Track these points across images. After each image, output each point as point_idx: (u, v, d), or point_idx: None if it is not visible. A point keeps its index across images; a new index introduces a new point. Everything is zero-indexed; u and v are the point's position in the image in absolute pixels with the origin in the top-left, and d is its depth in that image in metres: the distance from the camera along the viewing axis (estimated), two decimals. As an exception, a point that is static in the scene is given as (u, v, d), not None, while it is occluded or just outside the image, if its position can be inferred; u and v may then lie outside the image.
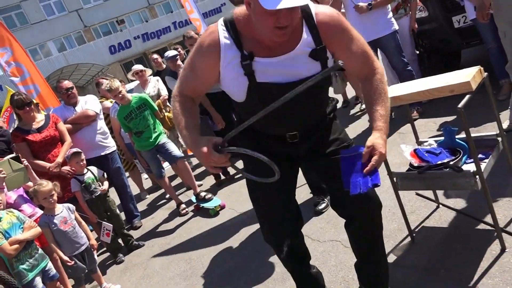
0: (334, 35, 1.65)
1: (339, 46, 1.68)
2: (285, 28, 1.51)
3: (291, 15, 1.48)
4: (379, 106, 1.67)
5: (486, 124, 3.42)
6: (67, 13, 28.65)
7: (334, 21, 1.66)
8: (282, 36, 1.54)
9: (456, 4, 3.99)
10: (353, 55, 1.69)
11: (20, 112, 3.96)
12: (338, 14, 1.70)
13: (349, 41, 1.68)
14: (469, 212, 2.47)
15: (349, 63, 1.68)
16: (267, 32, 1.55)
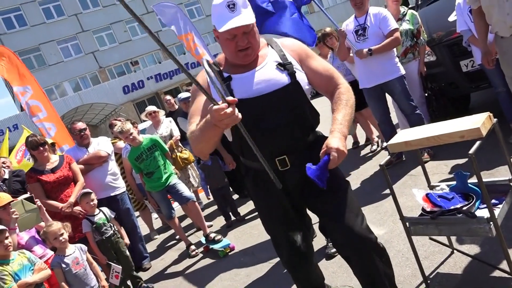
0: (298, 54, 1.94)
1: (305, 64, 1.93)
2: (246, 49, 1.82)
3: (247, 38, 1.80)
4: (336, 113, 1.83)
5: (499, 167, 3.39)
6: (83, 55, 29.68)
7: (296, 43, 2.00)
8: (245, 57, 1.85)
9: (464, 49, 4.07)
10: (318, 72, 1.92)
11: (34, 153, 4.05)
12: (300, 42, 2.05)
13: (313, 59, 1.95)
14: (484, 258, 2.42)
15: (315, 80, 1.93)
16: (233, 56, 1.87)
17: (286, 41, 2.01)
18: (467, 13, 3.70)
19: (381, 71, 4.24)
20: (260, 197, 2.06)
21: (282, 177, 1.87)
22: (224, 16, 1.77)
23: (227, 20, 1.75)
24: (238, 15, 1.76)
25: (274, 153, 1.88)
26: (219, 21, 1.79)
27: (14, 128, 22.24)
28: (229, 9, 1.75)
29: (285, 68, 1.87)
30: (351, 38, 4.34)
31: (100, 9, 30.40)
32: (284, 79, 1.85)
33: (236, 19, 1.75)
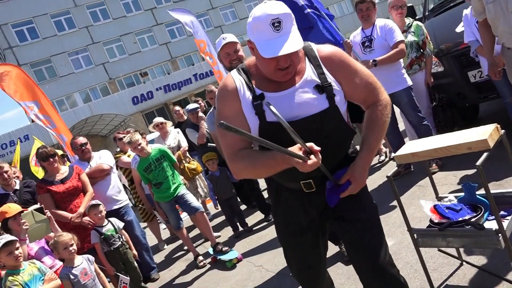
0: (336, 67, 1.74)
1: (343, 78, 1.74)
2: (287, 68, 1.63)
3: (290, 57, 1.60)
4: (370, 135, 1.75)
5: (508, 178, 3.37)
6: (93, 67, 30.08)
7: (335, 54, 1.77)
8: (284, 76, 1.66)
9: (471, 59, 4.06)
10: (357, 87, 1.76)
11: (44, 164, 4.11)
12: (340, 50, 1.80)
13: (352, 73, 1.75)
14: (493, 270, 2.39)
15: (353, 94, 1.77)
16: (271, 73, 1.68)
17: (323, 49, 1.77)
18: (474, 24, 3.70)
19: (387, 83, 4.21)
20: (279, 209, 1.97)
21: (305, 198, 1.83)
22: (268, 37, 1.56)
23: (272, 44, 1.55)
24: (285, 39, 1.55)
25: (300, 177, 1.74)
26: (260, 42, 1.58)
27: (25, 139, 22.50)
28: (273, 28, 1.54)
29: (324, 91, 1.69)
30: (358, 50, 4.37)
31: (111, 21, 30.86)
32: (322, 104, 1.68)
33: (285, 47, 1.55)
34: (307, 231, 1.91)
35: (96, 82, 30.04)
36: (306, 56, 1.76)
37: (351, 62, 1.77)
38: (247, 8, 35.40)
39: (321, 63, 1.74)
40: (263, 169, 1.65)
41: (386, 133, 4.57)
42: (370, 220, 1.80)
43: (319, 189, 1.79)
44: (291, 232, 1.95)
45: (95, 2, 30.37)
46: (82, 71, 29.74)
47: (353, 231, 1.77)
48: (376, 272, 1.73)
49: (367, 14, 4.27)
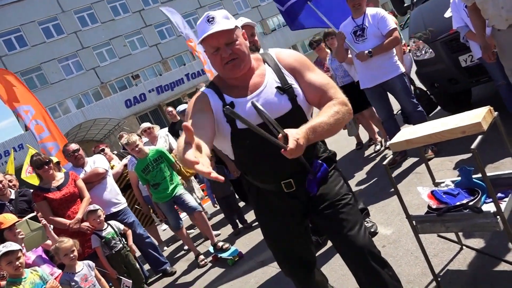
0: (294, 64, 1.84)
1: (300, 77, 1.82)
2: (233, 60, 1.75)
3: (231, 49, 1.74)
4: (317, 116, 1.69)
5: (504, 160, 3.37)
6: (84, 72, 29.91)
7: (292, 55, 1.89)
8: (233, 68, 1.77)
9: (462, 44, 4.06)
10: (311, 86, 1.80)
11: (39, 171, 4.07)
12: (298, 52, 1.92)
13: (310, 73, 1.83)
14: (493, 252, 2.40)
15: (309, 95, 1.81)
16: (221, 71, 1.81)
17: (281, 53, 1.91)
18: (462, 9, 3.69)
19: (381, 71, 4.26)
20: (262, 214, 2.05)
21: (286, 197, 1.88)
22: (204, 30, 1.75)
23: (205, 32, 1.74)
24: (215, 25, 1.73)
25: (280, 177, 1.85)
26: (199, 35, 1.78)
27: (19, 148, 22.38)
28: (208, 23, 1.74)
29: (286, 92, 1.79)
30: (350, 40, 4.36)
31: (99, 25, 30.67)
32: (286, 105, 1.78)
33: (212, 29, 1.72)
34: (292, 229, 1.98)
35: (88, 87, 29.89)
36: (265, 62, 1.88)
37: (309, 63, 1.87)
38: (236, 5, 35.33)
39: (279, 65, 1.85)
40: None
41: (383, 122, 4.61)
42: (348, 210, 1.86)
43: (298, 188, 1.86)
44: (277, 234, 2.01)
45: (82, 7, 30.17)
46: (73, 77, 29.56)
47: (332, 223, 1.85)
48: (359, 255, 1.80)
49: (359, 3, 4.26)
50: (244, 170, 2.00)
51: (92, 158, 4.76)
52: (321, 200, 1.87)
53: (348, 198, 1.90)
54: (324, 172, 1.87)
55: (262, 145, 1.69)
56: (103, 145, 6.14)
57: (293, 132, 1.51)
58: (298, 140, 1.49)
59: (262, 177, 1.91)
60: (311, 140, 1.59)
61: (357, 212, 1.92)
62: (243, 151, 1.85)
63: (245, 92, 1.81)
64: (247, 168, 1.96)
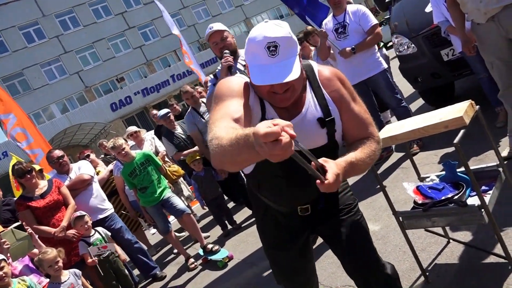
0: (337, 87, 1.62)
1: (343, 102, 1.61)
2: (284, 93, 1.48)
3: (286, 83, 1.44)
4: (357, 153, 1.53)
5: (488, 152, 3.40)
6: (68, 76, 29.55)
7: (335, 73, 1.65)
8: (281, 101, 1.52)
9: (443, 38, 4.09)
10: (354, 115, 1.62)
11: (22, 181, 3.99)
12: (339, 72, 1.69)
13: (352, 98, 1.64)
14: (480, 245, 2.42)
15: (348, 124, 1.63)
16: (265, 97, 1.54)
17: (325, 74, 1.63)
18: (442, 4, 3.72)
19: (364, 68, 4.28)
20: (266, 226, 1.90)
21: (298, 218, 1.77)
22: (261, 61, 1.43)
23: (264, 69, 1.42)
24: (280, 66, 1.41)
25: (299, 203, 1.73)
26: (253, 66, 1.46)
27: (4, 156, 22.04)
28: (268, 53, 1.41)
29: (325, 125, 1.59)
30: (332, 37, 4.36)
31: (81, 29, 30.31)
32: (323, 139, 1.60)
33: (277, 76, 1.40)
34: (295, 242, 1.84)
35: (72, 92, 29.52)
36: (307, 79, 1.62)
37: (352, 90, 1.67)
38: (219, 4, 35.22)
39: (323, 89, 1.61)
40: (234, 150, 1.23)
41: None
42: (352, 220, 1.75)
43: (313, 213, 1.74)
44: (278, 245, 1.87)
45: (63, 11, 29.77)
46: (56, 81, 29.18)
47: (336, 233, 1.73)
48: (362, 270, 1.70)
49: (339, 0, 4.27)
50: (257, 187, 1.79)
51: (77, 164, 4.69)
52: (326, 209, 1.76)
53: (353, 207, 1.79)
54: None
55: (289, 171, 1.60)
56: (88, 151, 6.07)
57: (332, 165, 1.33)
58: (338, 176, 1.32)
59: (278, 201, 1.75)
60: (346, 176, 1.44)
61: (363, 223, 1.79)
62: (265, 171, 1.67)
63: (286, 114, 1.57)
64: (262, 188, 1.77)
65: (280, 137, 1.04)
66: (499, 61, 3.01)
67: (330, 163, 1.33)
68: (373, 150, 1.58)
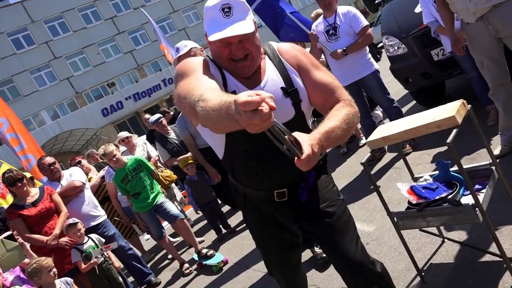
0: (299, 58, 1.67)
1: (303, 68, 1.65)
2: (242, 60, 1.56)
3: (243, 46, 1.54)
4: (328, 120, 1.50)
5: (480, 150, 3.42)
6: (58, 82, 29.33)
7: (296, 50, 1.71)
8: (242, 69, 1.59)
9: (433, 38, 4.11)
10: (317, 81, 1.63)
11: (13, 189, 3.94)
12: (300, 46, 1.75)
13: (313, 65, 1.67)
14: (475, 243, 2.42)
15: (313, 95, 1.64)
16: (225, 65, 1.61)
17: (283, 47, 1.71)
18: (432, 4, 3.74)
19: (355, 69, 4.29)
20: (250, 218, 1.95)
21: (276, 205, 1.76)
22: (217, 21, 1.52)
23: (220, 27, 1.51)
24: (234, 22, 1.51)
25: (274, 185, 1.70)
26: (210, 27, 1.54)
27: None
28: (223, 14, 1.51)
29: (290, 95, 1.59)
30: (323, 39, 4.37)
31: (71, 34, 30.12)
32: (289, 111, 1.60)
33: (231, 28, 1.49)
34: (280, 233, 1.87)
35: (62, 98, 29.30)
36: (266, 55, 1.70)
37: (313, 59, 1.70)
38: (209, 8, 35.17)
39: (282, 59, 1.67)
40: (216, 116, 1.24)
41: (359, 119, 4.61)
42: (338, 217, 1.73)
43: (290, 198, 1.73)
44: (266, 237, 1.92)
45: (52, 16, 29.56)
46: (46, 88, 28.95)
47: (323, 232, 1.72)
48: (351, 269, 1.69)
49: (329, 2, 4.28)
50: (232, 173, 1.81)
51: (68, 171, 4.64)
52: (311, 206, 1.74)
53: (339, 203, 1.78)
54: (314, 179, 1.75)
55: (261, 151, 1.61)
56: (80, 157, 6.02)
57: (305, 137, 1.30)
58: (313, 147, 1.29)
59: (253, 184, 1.75)
60: (324, 147, 1.40)
61: (350, 219, 1.78)
62: (237, 154, 1.68)
63: (246, 83, 1.61)
64: (236, 172, 1.78)
65: (260, 107, 1.05)
66: (488, 60, 3.04)
67: (302, 136, 1.31)
68: (346, 114, 1.55)
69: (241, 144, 1.63)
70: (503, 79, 3.08)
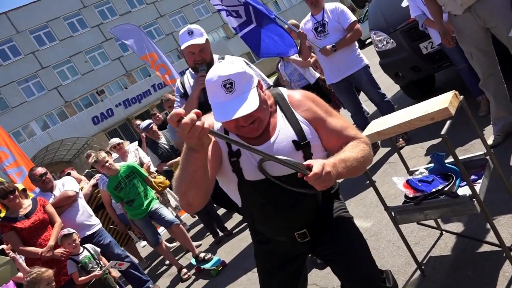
0: (308, 106, 1.63)
1: (317, 120, 1.62)
2: (251, 125, 1.51)
3: (250, 115, 1.46)
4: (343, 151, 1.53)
5: (473, 141, 3.43)
6: (46, 92, 29.09)
7: (308, 97, 1.67)
8: (250, 132, 1.55)
9: (421, 32, 4.12)
10: (333, 128, 1.62)
11: (4, 201, 3.87)
12: (310, 92, 1.71)
13: (326, 113, 1.64)
14: (473, 234, 2.42)
15: (329, 139, 1.62)
16: (235, 133, 1.58)
17: (295, 97, 1.66)
18: (418, -3, 3.75)
19: (345, 65, 4.29)
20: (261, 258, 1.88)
21: (297, 245, 1.73)
22: (220, 99, 1.44)
23: (224, 106, 1.43)
24: (238, 101, 1.43)
25: (294, 229, 1.69)
26: (214, 106, 1.46)
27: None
28: (225, 90, 1.43)
29: (302, 149, 1.58)
30: (311, 36, 4.36)
31: (57, 43, 29.90)
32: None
33: (236, 111, 1.41)
34: (289, 267, 1.81)
35: (51, 108, 29.06)
36: (278, 104, 1.65)
37: (326, 106, 1.67)
38: (196, 11, 35.17)
39: (294, 111, 1.63)
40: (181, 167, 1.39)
41: (351, 115, 4.62)
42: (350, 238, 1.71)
43: (313, 238, 1.70)
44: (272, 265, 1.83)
45: (37, 26, 29.30)
46: (35, 98, 28.69)
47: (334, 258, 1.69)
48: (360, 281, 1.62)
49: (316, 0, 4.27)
50: (252, 222, 1.78)
51: (60, 181, 4.58)
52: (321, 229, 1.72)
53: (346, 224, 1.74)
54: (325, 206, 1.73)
55: (275, 199, 1.61)
56: (69, 169, 5.96)
57: (316, 160, 1.37)
58: (324, 166, 1.33)
59: (273, 231, 1.74)
60: (340, 173, 1.42)
61: (361, 239, 1.74)
62: (252, 203, 1.68)
63: (254, 141, 1.57)
64: (256, 221, 1.76)
65: (184, 116, 1.19)
66: (477, 51, 3.05)
67: (313, 160, 1.38)
68: (362, 149, 1.56)
69: (254, 197, 1.64)
70: (493, 69, 3.09)
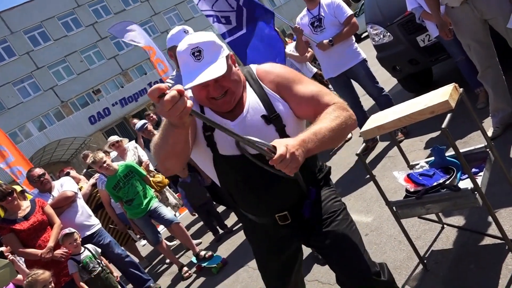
0: (277, 80, 1.61)
1: (284, 88, 1.59)
2: (222, 96, 1.51)
3: (220, 85, 1.48)
4: (315, 124, 1.48)
5: (472, 134, 3.42)
6: (42, 92, 28.94)
7: (274, 68, 1.66)
8: (223, 105, 1.54)
9: (418, 25, 4.11)
10: (302, 96, 1.58)
11: (3, 203, 3.85)
12: (279, 65, 1.69)
13: (294, 81, 1.60)
14: (475, 227, 2.42)
15: (301, 107, 1.59)
16: (207, 104, 1.57)
17: (262, 69, 1.65)
18: (414, -11, 3.73)
19: (343, 59, 4.27)
20: (254, 242, 1.90)
21: (280, 229, 1.71)
22: (189, 67, 1.46)
23: (192, 73, 1.44)
24: (206, 66, 1.44)
25: (273, 210, 1.67)
26: (184, 74, 1.48)
27: (-18, 179, 21.44)
28: (194, 58, 1.44)
29: (272, 122, 1.56)
30: (308, 31, 4.33)
31: (52, 43, 29.72)
32: (273, 136, 1.52)
33: (202, 75, 1.42)
34: (282, 253, 1.82)
35: (48, 108, 28.93)
36: (247, 81, 1.63)
37: (294, 75, 1.63)
38: (191, 8, 34.97)
39: (262, 85, 1.61)
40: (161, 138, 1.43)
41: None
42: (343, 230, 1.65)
43: (294, 219, 1.68)
44: (267, 250, 1.85)
45: (31, 26, 29.10)
46: (31, 99, 28.54)
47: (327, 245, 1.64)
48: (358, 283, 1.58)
49: None
50: (232, 201, 1.76)
51: (59, 181, 4.55)
52: (314, 220, 1.68)
53: (339, 214, 1.69)
54: (316, 193, 1.70)
55: (251, 179, 1.59)
56: (68, 168, 5.93)
57: (281, 140, 1.33)
58: (288, 147, 1.29)
59: (252, 210, 1.73)
60: (311, 149, 1.37)
61: (352, 229, 1.68)
62: (230, 183, 1.66)
63: (227, 117, 1.58)
64: (236, 200, 1.74)
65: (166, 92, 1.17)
66: (475, 43, 3.03)
67: (279, 140, 1.35)
68: (336, 116, 1.49)
69: (230, 174, 1.63)
70: (491, 61, 3.08)
